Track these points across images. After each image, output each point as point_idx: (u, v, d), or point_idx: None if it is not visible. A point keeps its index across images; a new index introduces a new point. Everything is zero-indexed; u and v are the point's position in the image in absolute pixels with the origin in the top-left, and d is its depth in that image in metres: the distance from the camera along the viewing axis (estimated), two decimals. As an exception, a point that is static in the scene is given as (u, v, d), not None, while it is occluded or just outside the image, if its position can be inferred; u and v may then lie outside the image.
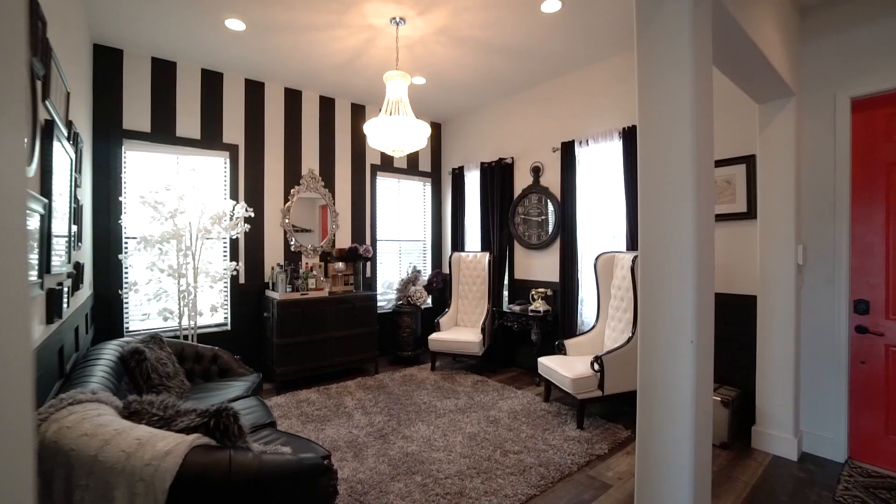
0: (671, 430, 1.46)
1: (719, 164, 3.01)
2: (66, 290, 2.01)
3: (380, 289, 5.11)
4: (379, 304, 4.91)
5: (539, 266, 4.44)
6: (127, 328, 3.61)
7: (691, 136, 1.47)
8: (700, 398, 1.44)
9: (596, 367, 3.04)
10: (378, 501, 2.15)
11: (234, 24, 3.18)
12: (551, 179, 4.30)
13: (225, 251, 4.08)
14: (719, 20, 1.72)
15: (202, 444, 1.36)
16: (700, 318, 1.43)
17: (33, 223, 1.43)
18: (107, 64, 3.50)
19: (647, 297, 1.56)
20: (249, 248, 4.20)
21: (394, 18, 3.11)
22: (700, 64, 1.50)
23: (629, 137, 3.49)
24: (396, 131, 3.00)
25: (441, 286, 5.18)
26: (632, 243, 3.53)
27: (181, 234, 3.45)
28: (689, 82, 1.48)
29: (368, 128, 3.08)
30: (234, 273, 3.97)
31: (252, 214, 3.99)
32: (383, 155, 5.14)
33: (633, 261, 3.27)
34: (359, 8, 2.99)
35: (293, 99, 4.50)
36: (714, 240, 1.61)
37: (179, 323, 3.52)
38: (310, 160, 4.61)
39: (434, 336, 4.37)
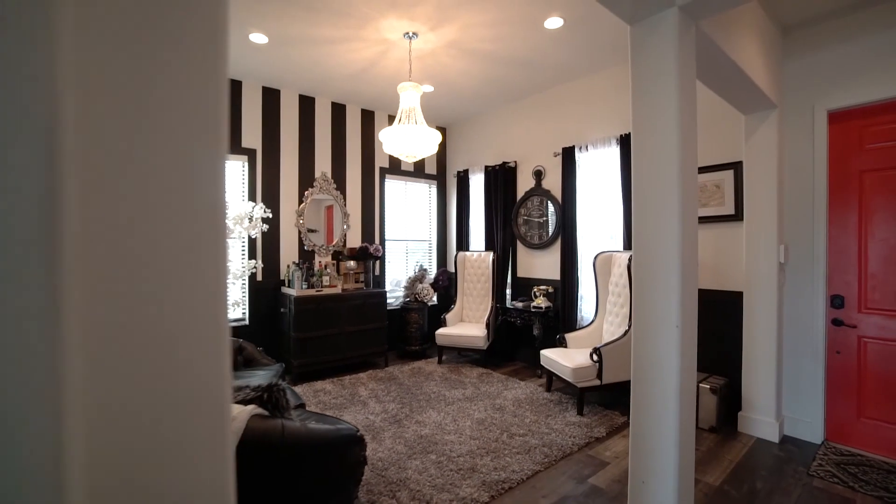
0: (660, 402, 1.69)
1: (710, 169, 3.25)
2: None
3: (388, 286, 5.34)
4: (388, 300, 5.14)
5: (541, 265, 4.67)
6: (153, 322, 3.83)
7: (676, 146, 1.70)
8: (684, 375, 1.67)
9: (595, 358, 3.28)
10: (398, 475, 2.38)
11: (258, 38, 3.41)
12: (552, 182, 4.54)
13: (244, 250, 4.30)
14: (702, 44, 1.95)
15: (258, 413, 1.58)
16: (684, 306, 1.66)
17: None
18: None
19: (640, 288, 1.80)
20: (266, 247, 4.43)
21: (407, 33, 3.34)
22: (684, 84, 1.73)
23: (626, 144, 3.73)
24: (410, 139, 3.23)
25: (447, 284, 5.41)
26: (628, 243, 3.77)
27: (205, 234, 3.67)
28: (674, 99, 1.71)
29: (383, 135, 3.31)
30: (254, 271, 4.19)
31: (269, 215, 4.21)
32: (391, 158, 5.36)
33: (630, 259, 3.51)
34: (375, 24, 3.22)
35: (307, 105, 4.73)
36: (697, 237, 1.84)
37: (203, 317, 3.74)
38: (322, 163, 4.84)
39: (441, 331, 4.61)
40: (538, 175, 4.67)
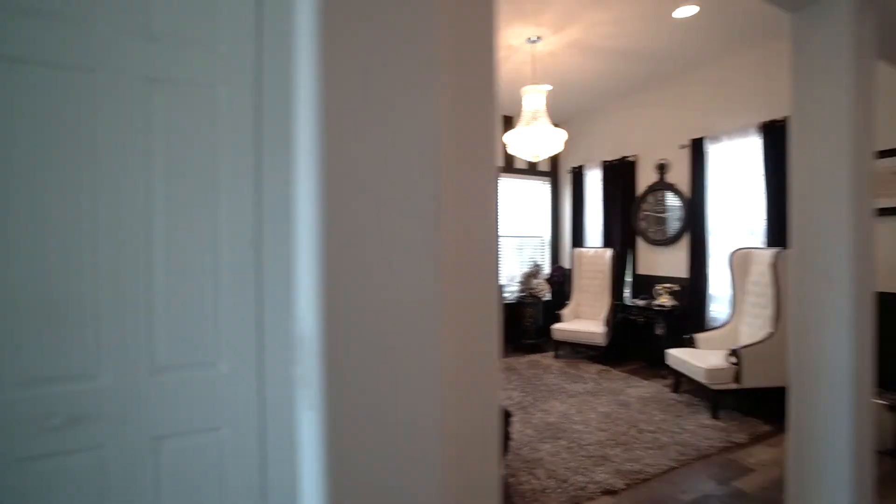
0: (827, 415, 1.60)
1: (890, 153, 2.84)
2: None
3: (502, 280, 5.56)
4: (502, 294, 5.35)
5: (664, 261, 4.48)
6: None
7: (849, 138, 1.59)
8: (859, 387, 1.56)
9: (733, 359, 3.10)
10: (532, 455, 2.57)
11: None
12: (678, 176, 4.32)
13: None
14: (887, 15, 1.75)
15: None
16: (858, 309, 1.56)
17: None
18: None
19: (802, 289, 1.71)
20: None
21: (530, 38, 3.48)
22: (860, 72, 1.60)
23: (769, 132, 3.42)
24: (535, 139, 3.38)
25: (561, 280, 5.45)
26: (772, 240, 3.46)
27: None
28: (847, 90, 1.58)
29: (508, 137, 3.50)
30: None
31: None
32: (506, 157, 5.54)
33: (774, 257, 3.23)
34: (500, 32, 3.42)
35: (429, 113, 5.12)
36: (873, 231, 1.69)
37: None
38: (442, 166, 5.21)
39: (558, 326, 4.68)
40: (661, 168, 4.47)
